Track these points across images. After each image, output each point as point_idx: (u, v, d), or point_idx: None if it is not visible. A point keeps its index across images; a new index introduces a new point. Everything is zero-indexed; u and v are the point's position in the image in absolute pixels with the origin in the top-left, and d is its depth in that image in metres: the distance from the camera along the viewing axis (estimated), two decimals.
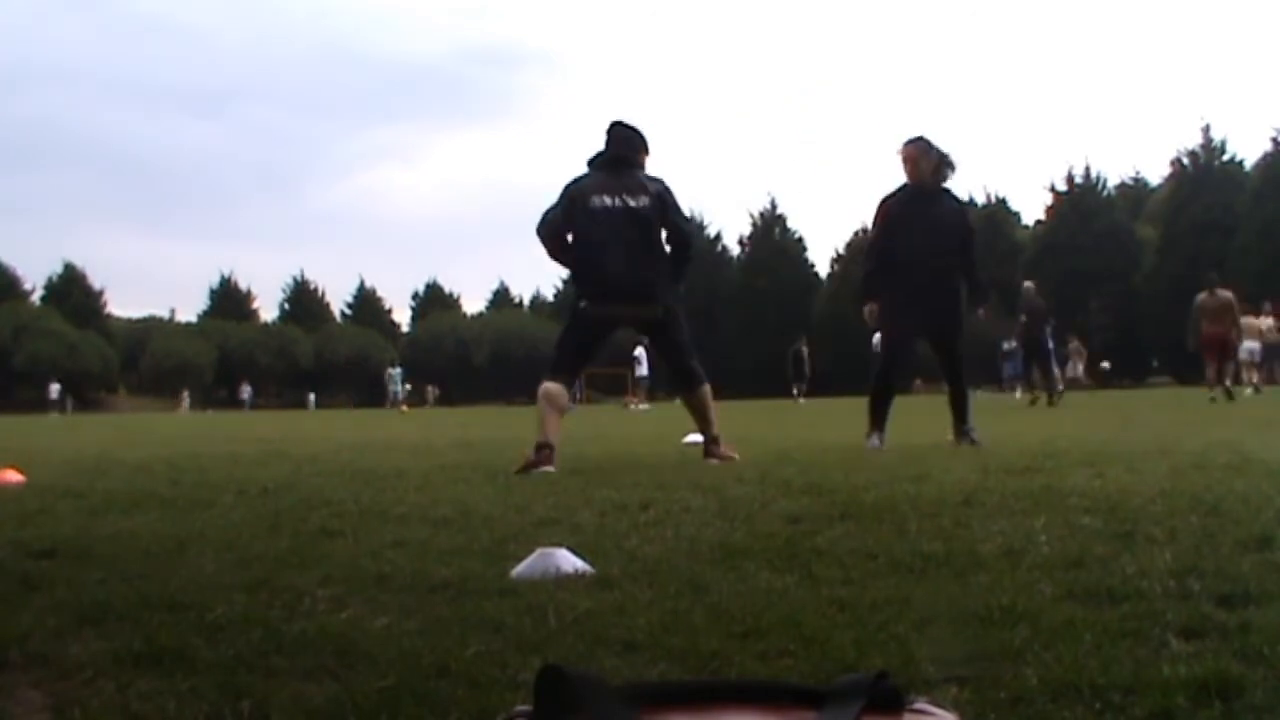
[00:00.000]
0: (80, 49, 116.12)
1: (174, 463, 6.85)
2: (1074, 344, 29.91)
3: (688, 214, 6.40)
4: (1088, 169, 57.23)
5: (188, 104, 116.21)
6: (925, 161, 6.76)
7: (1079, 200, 56.19)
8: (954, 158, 6.82)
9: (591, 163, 6.00)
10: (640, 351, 31.28)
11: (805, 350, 30.76)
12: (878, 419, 6.83)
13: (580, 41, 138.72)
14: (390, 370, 41.72)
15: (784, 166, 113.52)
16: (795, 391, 30.24)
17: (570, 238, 5.92)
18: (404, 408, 38.17)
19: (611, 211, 5.77)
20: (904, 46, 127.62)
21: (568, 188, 5.91)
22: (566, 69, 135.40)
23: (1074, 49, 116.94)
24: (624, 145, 5.97)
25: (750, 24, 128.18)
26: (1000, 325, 22.26)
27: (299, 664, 1.74)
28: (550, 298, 79.94)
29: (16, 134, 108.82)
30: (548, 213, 5.93)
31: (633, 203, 5.78)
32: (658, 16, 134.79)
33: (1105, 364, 32.07)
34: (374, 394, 54.77)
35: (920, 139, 6.86)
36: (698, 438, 8.15)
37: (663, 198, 5.87)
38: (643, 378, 31.61)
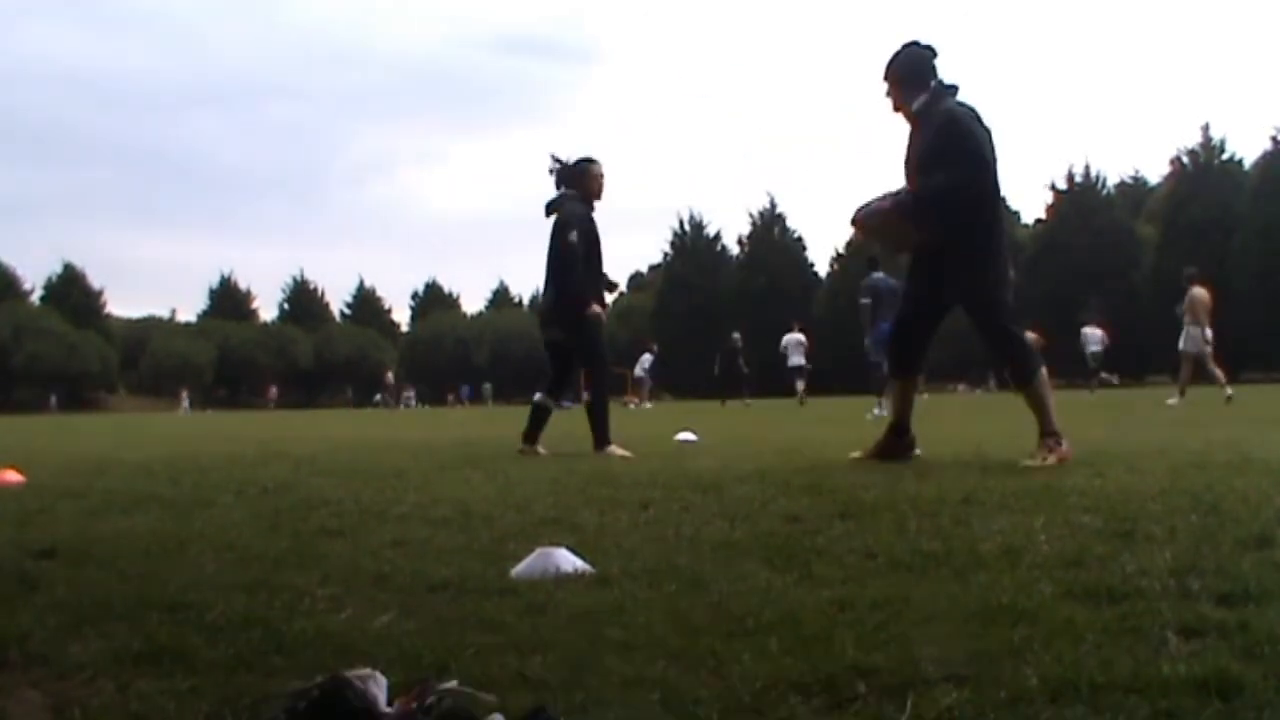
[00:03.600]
0: (81, 48, 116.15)
1: (174, 463, 6.84)
2: (1096, 332, 29.51)
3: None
4: (1088, 168, 57.19)
5: (189, 103, 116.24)
6: None
7: (1079, 199, 56.13)
8: None
9: None
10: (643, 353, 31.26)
11: (739, 346, 26.96)
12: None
13: (580, 42, 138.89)
14: (388, 375, 41.97)
15: (784, 166, 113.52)
16: (744, 393, 26.32)
17: None
18: (403, 408, 38.28)
19: None
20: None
21: None
22: (566, 70, 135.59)
23: (1074, 48, 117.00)
24: None
25: (749, 24, 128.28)
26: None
27: (299, 664, 1.74)
28: None
29: (16, 134, 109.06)
30: None
31: None
32: (657, 16, 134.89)
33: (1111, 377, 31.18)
34: (373, 394, 54.81)
35: None
36: (690, 436, 8.17)
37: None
38: (643, 378, 31.53)
